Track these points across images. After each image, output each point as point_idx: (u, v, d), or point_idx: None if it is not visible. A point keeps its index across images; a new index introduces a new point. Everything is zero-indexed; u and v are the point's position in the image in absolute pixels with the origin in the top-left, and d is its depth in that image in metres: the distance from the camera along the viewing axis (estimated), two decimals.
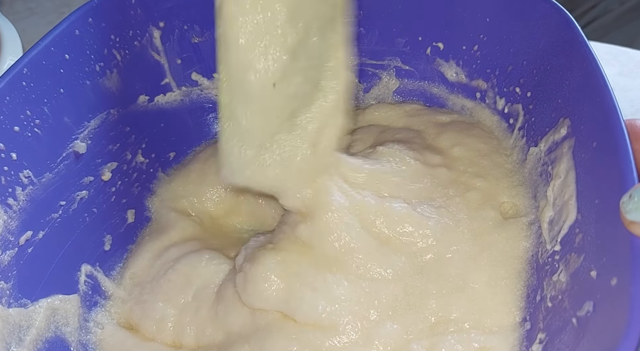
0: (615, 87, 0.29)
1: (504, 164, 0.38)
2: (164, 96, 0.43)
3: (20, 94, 0.32)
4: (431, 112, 0.43)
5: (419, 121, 0.42)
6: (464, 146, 0.39)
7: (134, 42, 0.40)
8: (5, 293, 0.31)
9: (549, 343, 0.27)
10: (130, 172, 0.41)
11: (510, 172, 0.37)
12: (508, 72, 0.38)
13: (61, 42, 0.35)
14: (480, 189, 0.36)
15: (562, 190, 0.30)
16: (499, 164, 0.38)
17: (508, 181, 0.37)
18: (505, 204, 0.36)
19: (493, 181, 0.36)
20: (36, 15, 0.66)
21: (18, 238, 0.32)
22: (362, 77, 0.45)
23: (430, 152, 0.38)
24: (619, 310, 0.21)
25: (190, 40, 0.43)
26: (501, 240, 0.34)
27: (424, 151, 0.38)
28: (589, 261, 0.26)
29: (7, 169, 0.32)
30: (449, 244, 0.34)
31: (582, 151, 0.29)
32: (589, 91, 0.29)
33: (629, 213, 0.22)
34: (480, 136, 0.39)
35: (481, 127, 0.40)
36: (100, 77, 0.38)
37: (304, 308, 0.32)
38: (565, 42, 0.33)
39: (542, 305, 0.29)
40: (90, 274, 0.38)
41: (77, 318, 0.36)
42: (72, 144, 0.36)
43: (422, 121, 0.42)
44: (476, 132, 0.40)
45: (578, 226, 0.28)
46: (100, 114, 0.38)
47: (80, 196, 0.37)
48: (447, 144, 0.39)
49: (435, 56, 0.42)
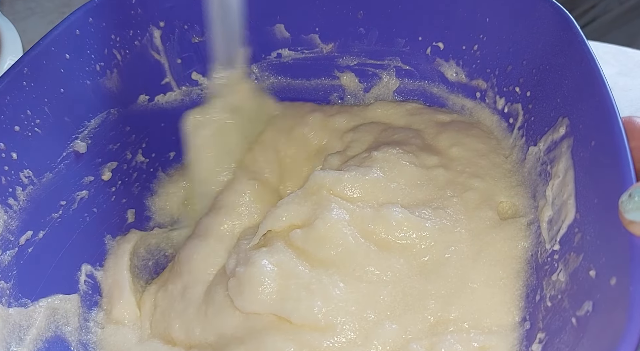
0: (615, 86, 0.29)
1: (502, 165, 0.38)
2: (164, 96, 0.43)
3: (21, 94, 0.32)
4: (432, 112, 0.43)
5: (419, 119, 0.42)
6: (462, 146, 0.39)
7: (135, 42, 0.40)
8: (6, 293, 0.31)
9: (548, 343, 0.27)
10: (130, 172, 0.42)
11: (509, 173, 0.37)
12: (508, 72, 0.38)
13: (62, 42, 0.35)
14: (477, 189, 0.36)
15: (561, 189, 0.30)
16: (498, 165, 0.38)
17: (507, 181, 0.37)
18: (503, 204, 0.36)
19: (491, 181, 0.37)
20: (36, 15, 0.66)
21: (18, 238, 0.33)
22: (362, 77, 0.45)
23: (427, 153, 0.38)
24: (618, 309, 0.21)
25: (191, 40, 0.43)
26: (499, 240, 0.34)
27: (420, 153, 0.38)
28: (588, 261, 0.26)
29: (8, 168, 0.32)
30: (447, 245, 0.34)
31: (581, 151, 0.29)
32: (588, 91, 0.29)
33: (628, 212, 0.22)
34: (479, 136, 0.39)
35: (480, 128, 0.40)
36: (101, 77, 0.38)
37: (301, 309, 0.32)
38: (564, 42, 0.33)
39: (542, 305, 0.29)
40: (91, 274, 0.38)
41: (77, 318, 0.36)
42: (72, 144, 0.36)
43: (422, 120, 0.42)
44: (475, 133, 0.40)
45: (577, 226, 0.28)
46: (100, 113, 0.38)
47: (80, 195, 0.37)
48: (445, 144, 0.39)
49: (435, 56, 0.42)
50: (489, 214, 0.35)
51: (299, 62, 0.45)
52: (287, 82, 0.46)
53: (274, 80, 0.46)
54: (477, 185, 0.36)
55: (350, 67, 0.45)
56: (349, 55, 0.44)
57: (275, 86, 0.46)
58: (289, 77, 0.46)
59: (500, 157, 0.38)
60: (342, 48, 0.44)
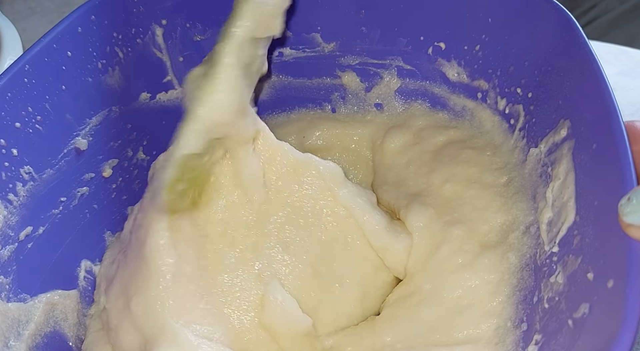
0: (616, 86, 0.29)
1: (495, 182, 0.37)
2: (165, 94, 0.43)
3: (22, 91, 0.33)
4: (431, 134, 0.42)
5: (419, 150, 0.42)
6: (454, 179, 0.38)
7: (137, 40, 0.40)
8: (5, 288, 0.32)
9: (544, 345, 0.27)
10: (131, 169, 0.42)
11: (503, 186, 0.37)
12: (509, 73, 0.38)
13: (63, 40, 0.35)
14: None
15: (561, 191, 0.30)
16: (489, 185, 0.37)
17: (500, 200, 0.36)
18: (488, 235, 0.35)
19: (475, 214, 0.36)
20: (37, 14, 0.67)
21: (18, 234, 0.33)
22: (363, 76, 0.45)
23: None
24: (614, 312, 0.21)
25: (193, 38, 0.43)
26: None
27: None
28: (587, 263, 0.26)
29: (8, 165, 0.32)
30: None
31: (582, 153, 0.29)
32: (590, 93, 0.29)
33: (627, 215, 0.22)
34: (470, 160, 0.39)
35: (474, 145, 0.40)
36: (102, 74, 0.38)
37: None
38: (566, 43, 0.33)
39: (539, 307, 0.29)
40: (90, 270, 0.38)
41: (76, 314, 0.36)
42: (73, 141, 0.36)
43: (422, 150, 0.42)
44: (466, 157, 0.39)
45: (576, 228, 0.28)
46: (101, 111, 0.38)
47: (80, 192, 0.37)
48: (439, 180, 0.39)
49: (437, 56, 0.42)
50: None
51: (300, 61, 0.45)
52: (288, 81, 0.46)
53: (275, 79, 0.46)
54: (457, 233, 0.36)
55: (352, 67, 0.45)
56: (350, 55, 0.44)
57: (276, 85, 0.46)
58: (290, 76, 0.46)
59: (493, 174, 0.38)
60: (344, 47, 0.44)
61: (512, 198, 0.36)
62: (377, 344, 0.33)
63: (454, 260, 0.34)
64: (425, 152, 0.42)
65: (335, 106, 0.47)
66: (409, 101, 0.45)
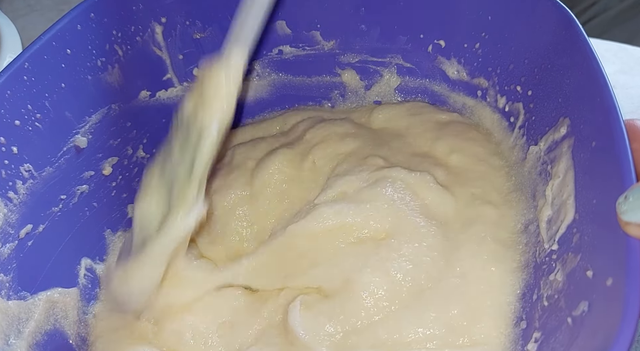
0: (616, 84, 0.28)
1: (501, 168, 0.37)
2: (165, 92, 0.43)
3: (22, 88, 0.33)
4: (432, 111, 0.43)
5: (419, 119, 0.42)
6: (461, 152, 0.38)
7: (136, 38, 0.40)
8: (5, 286, 0.32)
9: (544, 342, 0.27)
10: (131, 167, 0.42)
11: (507, 175, 0.37)
12: (509, 71, 0.38)
13: (63, 37, 0.35)
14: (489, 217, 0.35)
15: (561, 189, 0.30)
16: (497, 168, 0.37)
17: (505, 186, 0.36)
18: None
19: (488, 187, 0.36)
20: (36, 12, 0.67)
21: (18, 231, 0.33)
22: (363, 74, 0.45)
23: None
24: (613, 310, 0.21)
25: (192, 36, 0.43)
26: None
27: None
28: (586, 261, 0.26)
29: (8, 162, 0.32)
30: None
31: (582, 151, 0.29)
32: (589, 91, 0.29)
33: (624, 213, 0.22)
34: (478, 140, 0.39)
35: (479, 130, 0.40)
36: (102, 72, 0.38)
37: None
38: (566, 41, 0.32)
39: (539, 304, 0.29)
40: (90, 268, 0.38)
41: (76, 311, 0.36)
42: (73, 139, 0.36)
43: (422, 120, 0.42)
44: (473, 136, 0.39)
45: (576, 226, 0.28)
46: (101, 109, 0.38)
47: (80, 190, 0.37)
48: (444, 150, 0.39)
49: (436, 54, 0.42)
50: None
51: (300, 59, 0.45)
52: (288, 79, 0.46)
53: (275, 76, 0.46)
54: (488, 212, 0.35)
55: (352, 65, 0.45)
56: (350, 53, 0.44)
57: (276, 83, 0.46)
58: (290, 74, 0.46)
59: (499, 159, 0.38)
60: (344, 45, 0.44)
61: (512, 195, 0.36)
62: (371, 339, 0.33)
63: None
64: (427, 122, 0.42)
65: (335, 103, 0.47)
66: (408, 98, 0.45)
